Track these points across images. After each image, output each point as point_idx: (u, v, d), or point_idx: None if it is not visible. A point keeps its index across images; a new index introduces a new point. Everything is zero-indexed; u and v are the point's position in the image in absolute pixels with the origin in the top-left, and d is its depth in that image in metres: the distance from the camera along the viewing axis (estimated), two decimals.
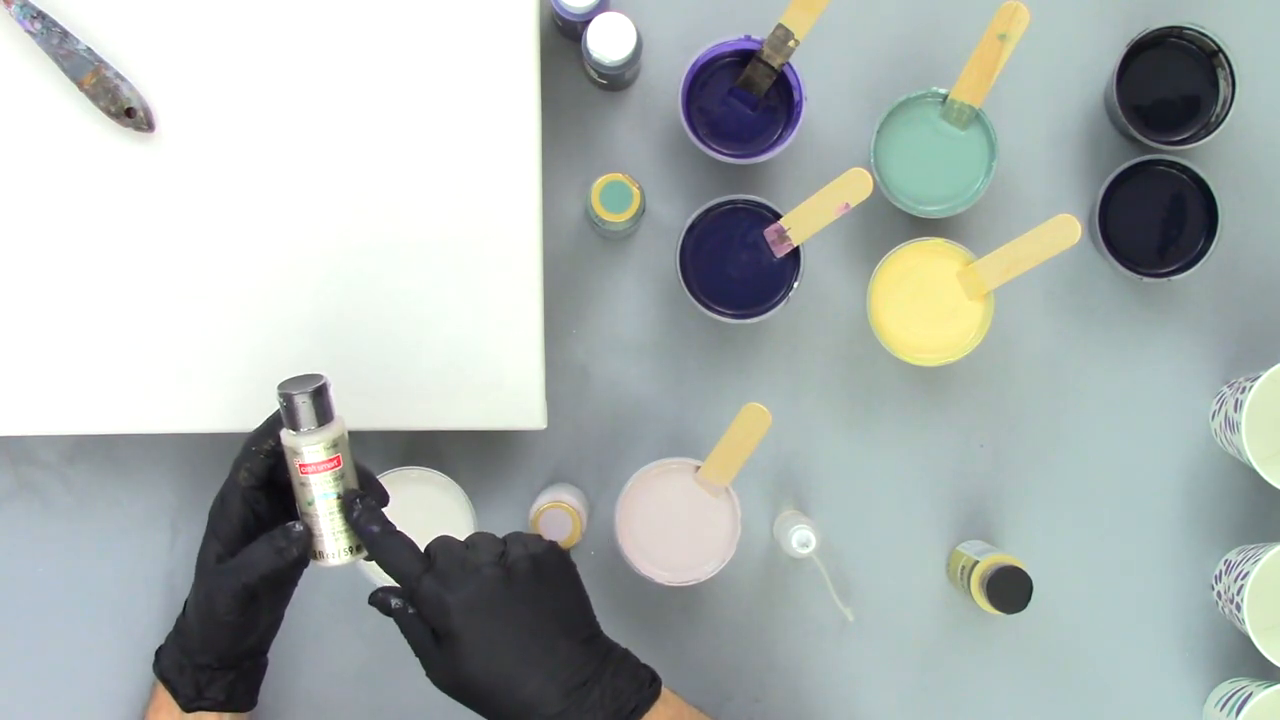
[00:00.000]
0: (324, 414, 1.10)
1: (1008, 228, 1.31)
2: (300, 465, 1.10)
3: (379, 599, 1.11)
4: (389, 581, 1.21)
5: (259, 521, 1.13)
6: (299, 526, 1.10)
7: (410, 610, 1.09)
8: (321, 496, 1.10)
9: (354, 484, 1.12)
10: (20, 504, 1.31)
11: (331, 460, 1.10)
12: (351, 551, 1.12)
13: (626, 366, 1.32)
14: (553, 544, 1.12)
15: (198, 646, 1.15)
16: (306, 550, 1.11)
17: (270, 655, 1.21)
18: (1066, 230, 1.20)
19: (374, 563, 1.12)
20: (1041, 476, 1.32)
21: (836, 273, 1.32)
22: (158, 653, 1.18)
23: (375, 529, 1.10)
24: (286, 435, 1.10)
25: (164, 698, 1.17)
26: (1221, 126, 1.26)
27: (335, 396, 1.11)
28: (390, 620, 1.31)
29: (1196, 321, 1.33)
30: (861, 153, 1.30)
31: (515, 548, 1.10)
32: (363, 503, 1.10)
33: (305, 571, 1.29)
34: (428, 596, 1.08)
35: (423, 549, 1.10)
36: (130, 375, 1.22)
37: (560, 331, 1.31)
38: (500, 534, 1.31)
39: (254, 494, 1.12)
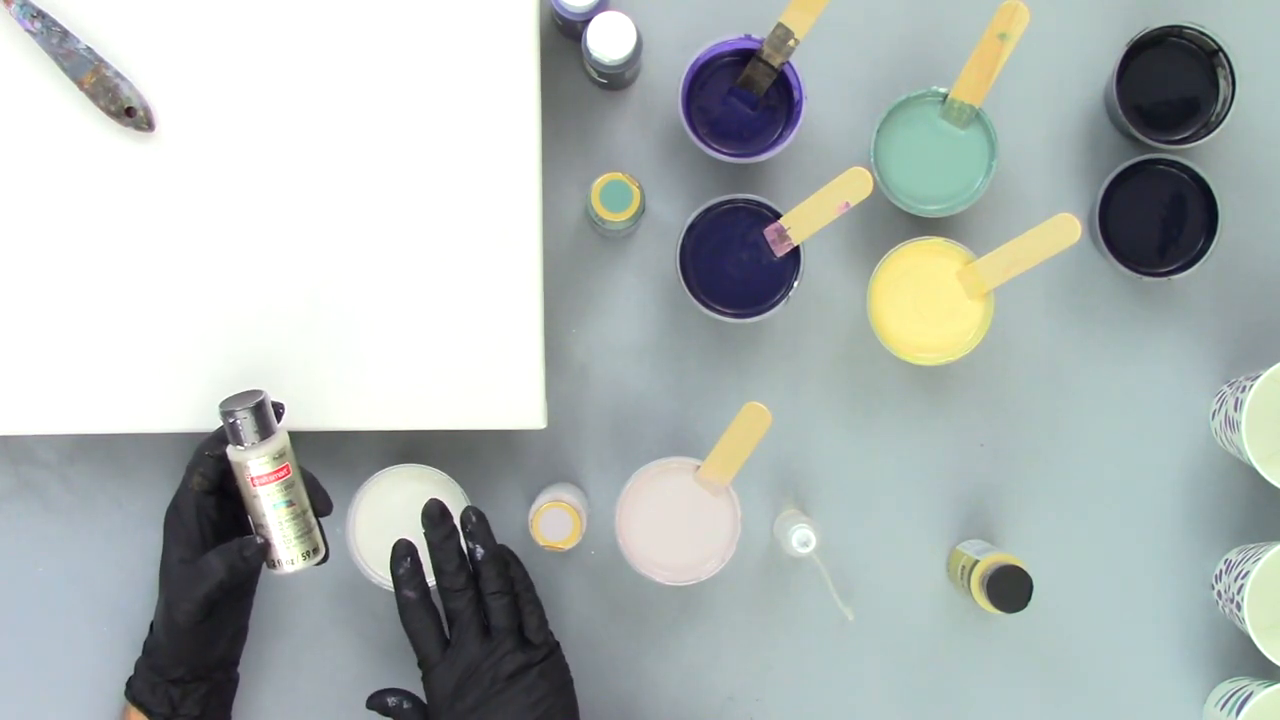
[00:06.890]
0: (265, 427, 1.13)
1: (1008, 227, 1.30)
2: (250, 479, 1.13)
3: (377, 702, 1.18)
4: (382, 577, 1.24)
5: (214, 527, 1.15)
6: (258, 539, 1.13)
7: (406, 705, 1.18)
8: (273, 507, 1.14)
9: (302, 491, 1.15)
10: (20, 504, 1.31)
11: (279, 470, 1.13)
12: (306, 557, 1.15)
13: (626, 366, 1.32)
14: (549, 646, 1.17)
15: (167, 662, 1.16)
16: (264, 561, 1.14)
17: (241, 669, 1.22)
18: (1066, 230, 1.20)
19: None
20: (1041, 476, 1.32)
21: (836, 272, 1.32)
22: (128, 681, 1.19)
23: (411, 595, 1.16)
24: (233, 451, 1.13)
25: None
26: (1221, 126, 1.26)
27: (280, 410, 1.15)
28: (389, 622, 1.32)
29: (1196, 321, 1.33)
30: (861, 152, 1.30)
31: (531, 635, 1.16)
32: (412, 563, 1.16)
33: (305, 572, 1.30)
34: (433, 687, 1.16)
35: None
36: (130, 375, 1.22)
37: (560, 331, 1.31)
38: (500, 534, 1.31)
39: (208, 499, 1.15)
